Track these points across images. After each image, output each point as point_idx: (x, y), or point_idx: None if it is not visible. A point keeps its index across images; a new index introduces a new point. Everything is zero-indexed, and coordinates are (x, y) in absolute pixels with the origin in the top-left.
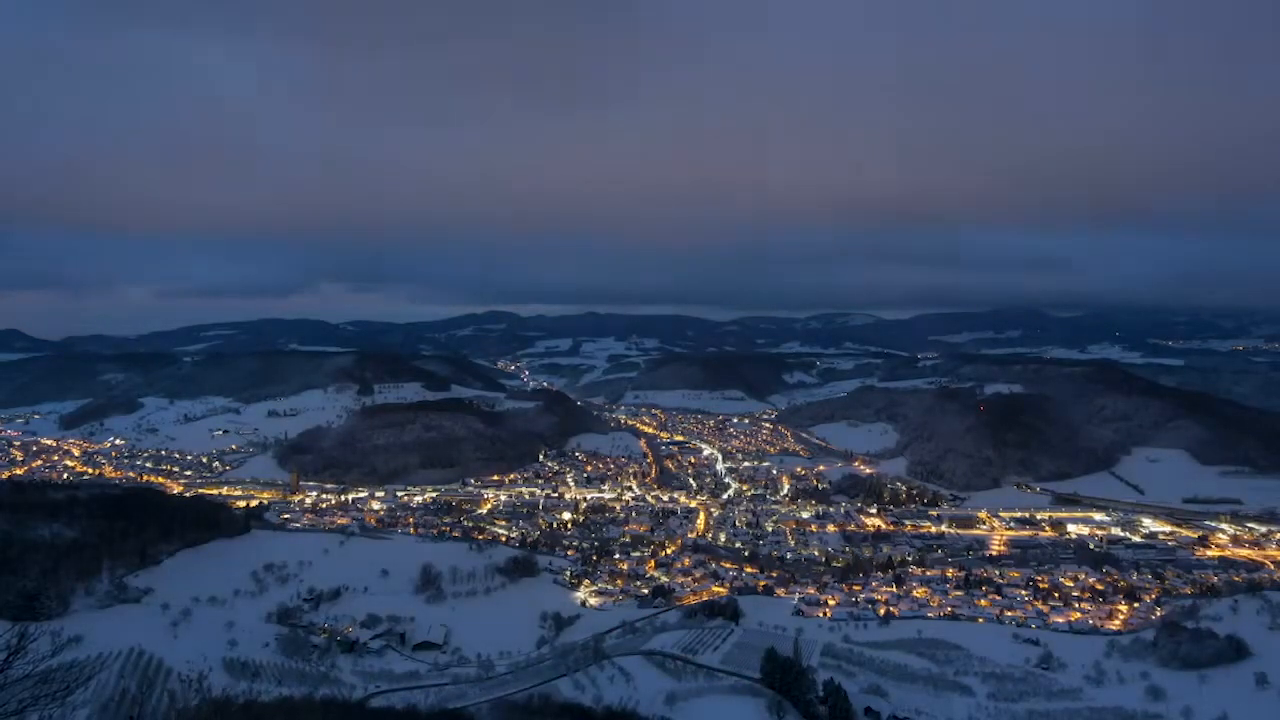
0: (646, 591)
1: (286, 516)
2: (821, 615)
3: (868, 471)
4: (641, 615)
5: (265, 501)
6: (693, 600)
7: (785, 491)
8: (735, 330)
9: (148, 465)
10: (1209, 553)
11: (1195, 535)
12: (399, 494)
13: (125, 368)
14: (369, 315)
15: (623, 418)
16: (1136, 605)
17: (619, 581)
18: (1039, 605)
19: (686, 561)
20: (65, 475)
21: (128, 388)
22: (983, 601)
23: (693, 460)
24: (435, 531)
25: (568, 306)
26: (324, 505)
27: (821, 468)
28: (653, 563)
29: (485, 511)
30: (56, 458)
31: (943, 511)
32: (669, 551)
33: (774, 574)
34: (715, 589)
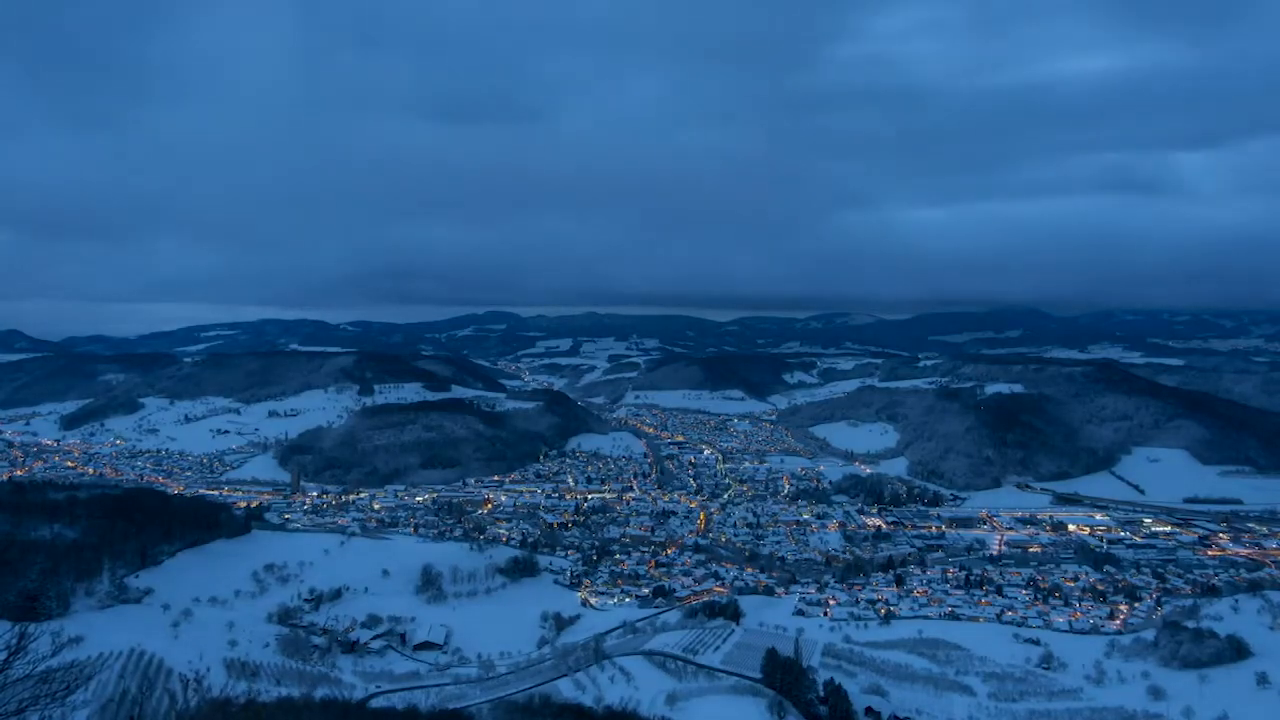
0: (647, 592)
1: (287, 517)
2: (822, 615)
3: (868, 471)
4: (642, 615)
5: (266, 502)
6: (693, 600)
7: (785, 492)
8: (735, 330)
9: (148, 466)
10: (1209, 552)
11: (1196, 535)
12: (399, 494)
13: (125, 368)
14: (369, 316)
15: (623, 418)
16: (1137, 605)
17: (620, 582)
18: (1039, 605)
19: (687, 562)
20: (65, 477)
21: (128, 388)
22: (983, 601)
23: (693, 460)
24: (436, 532)
25: (568, 307)
26: (324, 505)
27: (822, 468)
28: (653, 563)
29: (486, 512)
30: (57, 458)
31: (943, 511)
32: (669, 552)
33: (774, 574)
34: (716, 589)
